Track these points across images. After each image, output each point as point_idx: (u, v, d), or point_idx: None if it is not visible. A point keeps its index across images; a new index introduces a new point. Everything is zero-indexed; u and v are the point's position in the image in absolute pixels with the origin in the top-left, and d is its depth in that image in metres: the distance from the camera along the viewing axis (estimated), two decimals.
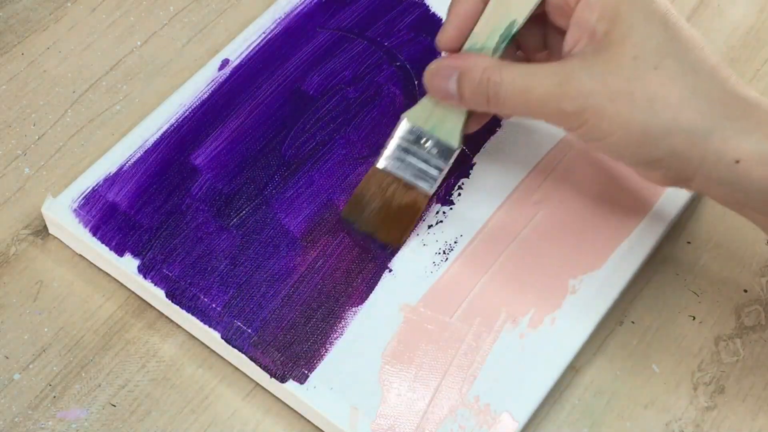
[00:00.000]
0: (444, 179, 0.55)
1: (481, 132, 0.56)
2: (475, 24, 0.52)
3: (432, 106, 0.53)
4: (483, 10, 0.51)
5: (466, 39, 0.52)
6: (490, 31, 0.51)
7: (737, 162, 0.47)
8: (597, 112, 0.47)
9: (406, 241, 0.55)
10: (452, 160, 0.53)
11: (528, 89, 0.49)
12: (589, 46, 0.48)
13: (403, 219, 0.54)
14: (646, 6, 0.48)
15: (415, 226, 0.55)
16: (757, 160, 0.46)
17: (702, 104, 0.47)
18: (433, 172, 0.53)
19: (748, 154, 0.46)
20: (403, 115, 0.53)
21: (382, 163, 0.54)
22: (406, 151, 0.54)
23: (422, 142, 0.53)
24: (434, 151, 0.53)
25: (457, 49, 0.52)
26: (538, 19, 0.52)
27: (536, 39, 0.54)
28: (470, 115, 0.53)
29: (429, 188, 0.54)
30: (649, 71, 0.47)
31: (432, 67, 0.52)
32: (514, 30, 0.51)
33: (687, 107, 0.47)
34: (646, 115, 0.47)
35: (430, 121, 0.53)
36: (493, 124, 0.59)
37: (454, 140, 0.53)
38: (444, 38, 0.52)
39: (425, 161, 0.53)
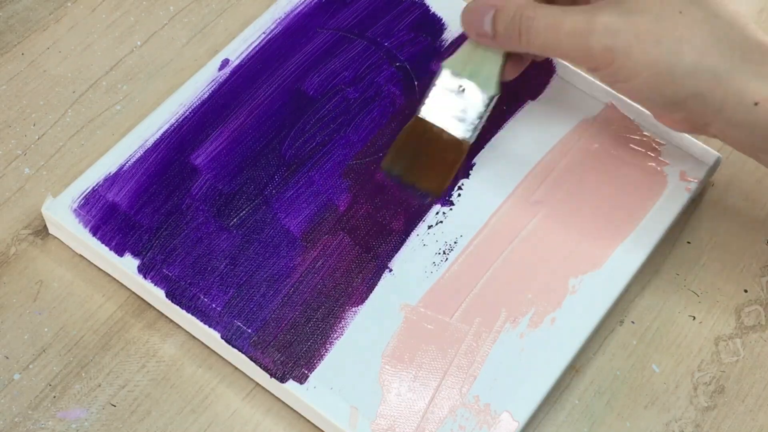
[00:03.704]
0: (483, 127, 0.56)
1: (482, 132, 0.56)
2: None
3: (469, 54, 0.54)
4: None
5: None
6: None
7: (756, 104, 0.49)
8: (624, 51, 0.49)
9: (446, 189, 0.56)
10: (491, 106, 0.54)
11: (558, 25, 0.50)
12: None
13: (443, 167, 0.55)
14: None
15: (455, 175, 0.56)
16: None
17: (724, 48, 0.49)
18: (472, 118, 0.54)
19: (766, 96, 0.48)
20: (441, 64, 0.55)
21: (422, 112, 0.55)
22: (445, 99, 0.54)
23: (460, 89, 0.54)
24: (473, 98, 0.54)
25: None
26: None
27: None
28: (506, 62, 0.54)
29: (469, 135, 0.55)
30: (674, 15, 0.49)
31: (470, 5, 0.54)
32: None
33: (710, 50, 0.49)
34: (672, 55, 0.49)
35: (467, 68, 0.54)
36: (493, 125, 0.59)
37: (492, 86, 0.54)
38: None
39: (464, 109, 0.54)
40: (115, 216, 0.55)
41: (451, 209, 0.56)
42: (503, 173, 0.58)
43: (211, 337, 0.52)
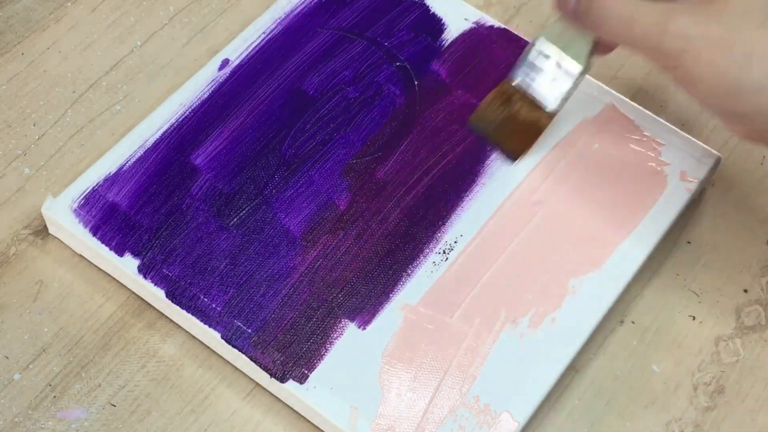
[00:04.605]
0: (567, 99, 0.56)
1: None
2: None
3: (563, 28, 0.54)
4: None
5: None
6: None
7: None
8: (694, 56, 0.48)
9: (526, 154, 0.57)
10: (578, 81, 0.55)
11: (633, 20, 0.50)
12: None
13: (526, 134, 0.57)
14: None
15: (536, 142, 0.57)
16: None
17: None
18: (561, 90, 0.55)
19: None
20: (538, 34, 0.55)
21: (514, 77, 0.55)
22: (536, 67, 0.55)
23: (552, 59, 0.55)
24: (562, 69, 0.55)
25: None
26: None
27: None
28: (596, 41, 0.54)
29: (553, 107, 0.55)
30: (753, 27, 0.48)
31: None
32: None
33: None
34: (741, 69, 0.48)
35: (562, 40, 0.55)
36: None
37: (581, 61, 0.54)
38: None
39: (553, 79, 0.55)
40: (115, 216, 0.55)
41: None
42: (503, 173, 0.58)
43: (211, 337, 0.52)
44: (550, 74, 0.55)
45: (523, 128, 0.56)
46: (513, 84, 0.56)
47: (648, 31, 0.49)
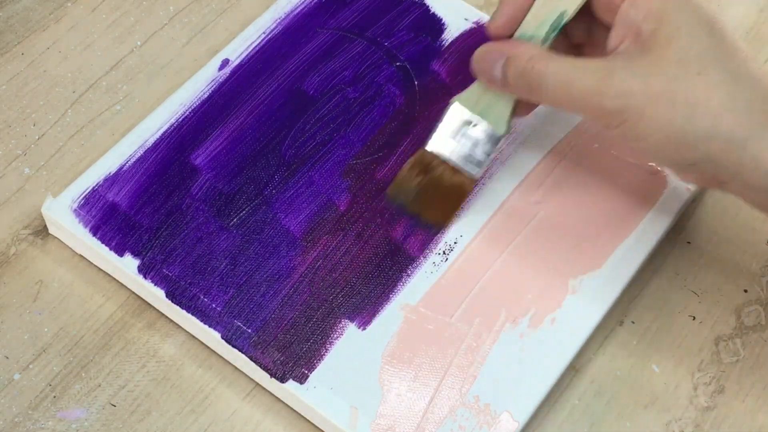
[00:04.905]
0: (489, 164, 0.56)
1: None
2: (525, 13, 0.52)
3: (482, 91, 0.54)
4: (534, 0, 0.52)
5: (517, 28, 0.52)
6: (540, 21, 0.52)
7: None
8: (637, 112, 0.48)
9: (450, 222, 0.56)
10: (499, 146, 0.54)
11: (571, 83, 0.49)
12: (634, 45, 0.49)
13: (448, 201, 0.55)
14: (693, 10, 0.48)
15: (460, 209, 0.56)
16: None
17: (741, 112, 0.47)
18: (481, 156, 0.54)
19: None
20: (453, 99, 0.54)
21: (430, 145, 0.54)
22: (454, 134, 0.54)
23: (471, 125, 0.54)
24: (482, 135, 0.54)
25: (506, 37, 0.53)
26: (585, 11, 0.52)
27: (582, 31, 0.54)
28: (518, 102, 0.54)
29: (476, 172, 0.54)
30: (692, 76, 0.47)
31: (481, 50, 0.53)
32: (564, 21, 0.52)
33: (726, 114, 0.47)
34: (686, 119, 0.47)
35: (479, 106, 0.54)
36: None
37: (502, 125, 0.54)
38: (494, 25, 0.53)
39: (473, 145, 0.54)
40: (115, 216, 0.55)
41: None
42: (503, 173, 0.58)
43: (211, 337, 0.52)
44: (470, 140, 0.54)
45: (445, 195, 0.55)
46: (430, 152, 0.54)
47: (587, 92, 0.49)
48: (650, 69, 0.48)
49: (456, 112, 0.54)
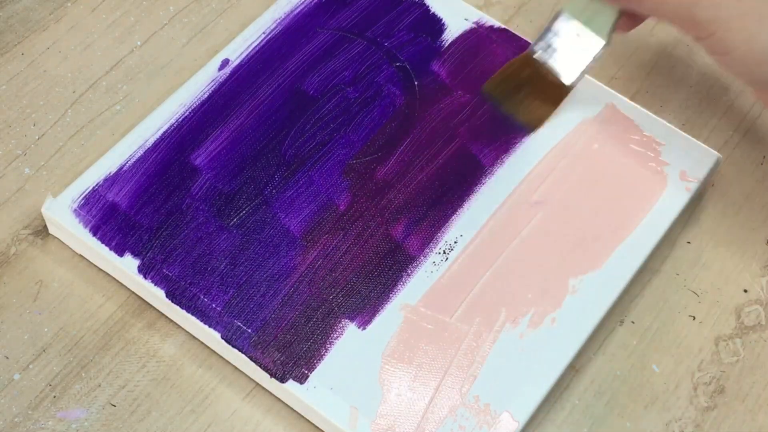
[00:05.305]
0: (586, 73, 0.57)
1: None
2: None
3: (588, 1, 0.55)
4: None
5: None
6: None
7: None
8: (725, 24, 0.50)
9: (542, 126, 0.57)
10: (598, 55, 0.56)
11: None
12: None
13: (544, 105, 0.57)
14: None
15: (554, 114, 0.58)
16: None
17: None
18: (579, 65, 0.56)
19: None
20: (561, 7, 0.56)
21: (535, 50, 0.56)
22: (558, 40, 0.56)
23: (574, 33, 0.55)
24: (583, 44, 0.55)
25: None
26: None
27: None
28: (621, 15, 0.55)
29: (572, 80, 0.56)
30: None
31: None
32: None
33: None
34: None
35: (585, 14, 0.55)
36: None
37: (603, 35, 0.55)
38: None
39: (574, 53, 0.55)
40: (115, 216, 0.55)
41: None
42: (503, 173, 0.58)
43: (211, 337, 0.52)
44: (571, 48, 0.55)
45: (542, 98, 0.57)
46: (533, 56, 0.56)
47: (681, 4, 0.51)
48: None
49: (562, 20, 0.56)
